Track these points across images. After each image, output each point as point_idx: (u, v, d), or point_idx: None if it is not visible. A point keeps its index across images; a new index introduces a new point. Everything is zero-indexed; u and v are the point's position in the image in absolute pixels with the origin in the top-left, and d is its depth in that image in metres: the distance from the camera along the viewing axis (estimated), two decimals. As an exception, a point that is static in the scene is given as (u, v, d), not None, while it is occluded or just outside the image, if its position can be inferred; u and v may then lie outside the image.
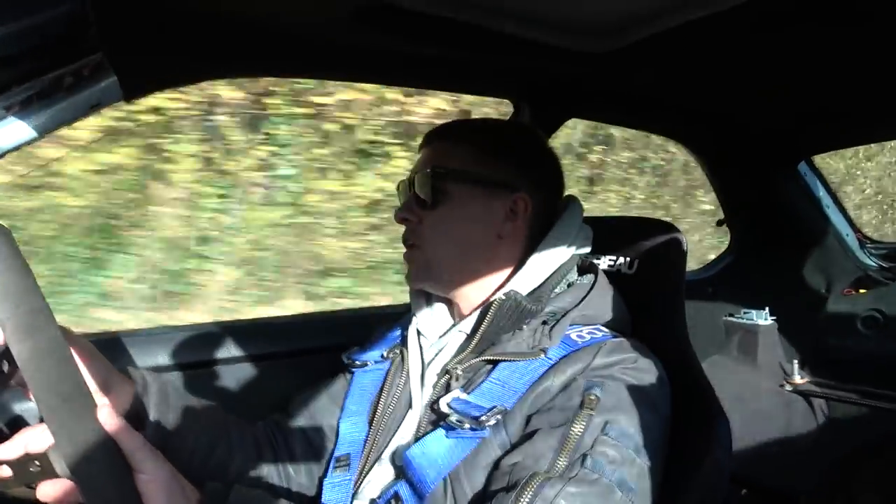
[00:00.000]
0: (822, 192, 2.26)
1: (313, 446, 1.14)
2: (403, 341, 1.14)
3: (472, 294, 1.07)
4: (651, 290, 1.14)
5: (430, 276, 1.07)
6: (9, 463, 0.69)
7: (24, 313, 0.61)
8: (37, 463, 0.68)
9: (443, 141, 1.11)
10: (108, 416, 0.68)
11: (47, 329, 0.63)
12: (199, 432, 1.01)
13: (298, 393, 1.24)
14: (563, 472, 0.81)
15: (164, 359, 1.33)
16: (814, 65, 1.25)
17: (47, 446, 0.68)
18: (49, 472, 0.68)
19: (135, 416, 0.92)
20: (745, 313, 2.37)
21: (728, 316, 2.40)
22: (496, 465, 0.87)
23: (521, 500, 0.78)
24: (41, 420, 0.70)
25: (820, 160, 2.25)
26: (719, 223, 2.40)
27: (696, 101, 1.64)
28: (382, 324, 1.25)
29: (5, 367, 0.68)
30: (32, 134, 0.96)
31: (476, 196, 1.05)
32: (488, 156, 1.07)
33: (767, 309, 2.35)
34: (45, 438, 0.72)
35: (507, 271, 1.07)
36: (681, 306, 1.12)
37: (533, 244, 1.07)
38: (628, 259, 1.18)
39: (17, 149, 0.96)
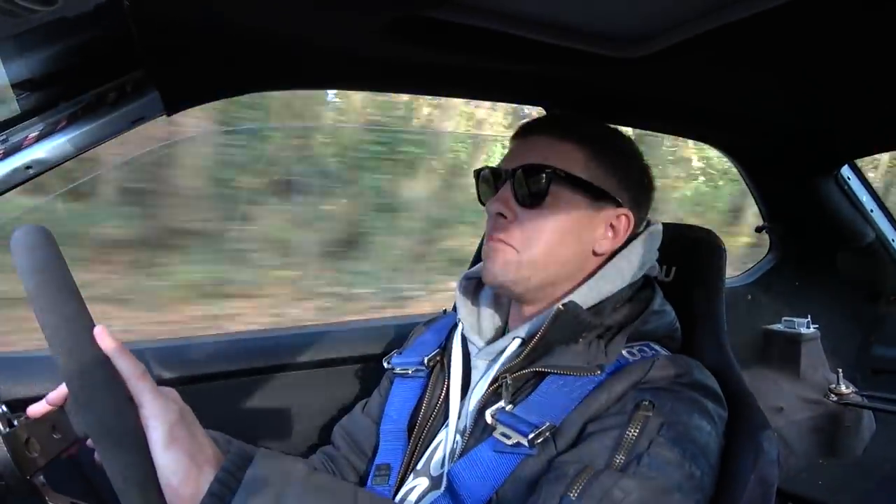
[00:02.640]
0: (866, 197, 2.20)
1: (363, 473, 1.14)
2: (444, 348, 1.13)
3: (544, 302, 1.03)
4: (689, 297, 1.12)
5: (516, 279, 1.00)
6: (35, 435, 0.71)
7: (37, 259, 0.67)
8: (58, 430, 0.71)
9: (552, 136, 1.03)
10: (103, 335, 0.68)
11: (57, 268, 0.68)
12: None
13: (338, 410, 1.24)
14: (621, 467, 0.79)
15: (201, 369, 1.35)
16: (855, 63, 1.21)
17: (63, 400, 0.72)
18: (69, 435, 0.72)
19: None
20: (786, 321, 2.31)
21: (769, 324, 2.34)
22: (547, 471, 0.84)
23: (575, 486, 0.76)
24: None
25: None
26: (758, 229, 2.34)
27: (731, 106, 1.61)
28: (420, 328, 1.24)
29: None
30: (79, 147, 0.99)
31: (582, 205, 1.00)
32: (600, 163, 1.01)
33: (809, 317, 2.29)
34: (61, 391, 0.73)
35: (580, 281, 1.02)
36: (721, 314, 1.10)
37: (611, 258, 1.03)
38: (665, 266, 1.16)
39: (64, 162, 0.99)
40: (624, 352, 0.94)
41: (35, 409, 0.73)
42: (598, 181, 1.00)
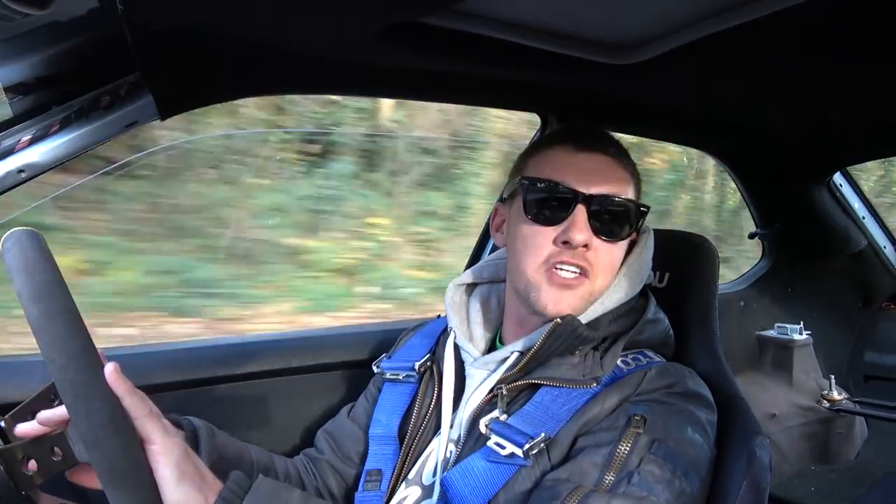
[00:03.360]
0: (858, 204, 2.21)
1: (345, 477, 1.14)
2: (434, 354, 1.12)
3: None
4: (682, 303, 1.12)
5: (583, 307, 0.97)
6: (33, 455, 0.70)
7: (39, 283, 0.65)
8: (57, 451, 0.70)
9: (612, 159, 0.99)
10: (114, 376, 0.67)
11: (59, 296, 0.66)
12: (248, 467, 1.02)
13: (325, 414, 1.23)
14: (610, 487, 0.79)
15: (190, 373, 1.34)
16: (848, 71, 1.22)
17: (62, 422, 0.71)
18: (69, 459, 0.71)
19: None
20: (779, 328, 2.32)
21: (761, 330, 2.35)
22: (537, 484, 0.85)
23: None
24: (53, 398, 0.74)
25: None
26: (751, 236, 2.36)
27: (725, 113, 1.62)
28: (409, 332, 1.24)
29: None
30: (71, 151, 0.99)
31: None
32: (639, 192, 1.03)
33: (802, 323, 2.30)
34: (59, 414, 0.72)
35: None
36: (713, 320, 1.10)
37: None
38: (658, 272, 1.16)
39: (56, 166, 0.99)
40: (619, 361, 0.94)
41: (25, 430, 0.72)
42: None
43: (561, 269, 0.94)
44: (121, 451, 0.65)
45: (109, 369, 0.68)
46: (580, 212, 0.94)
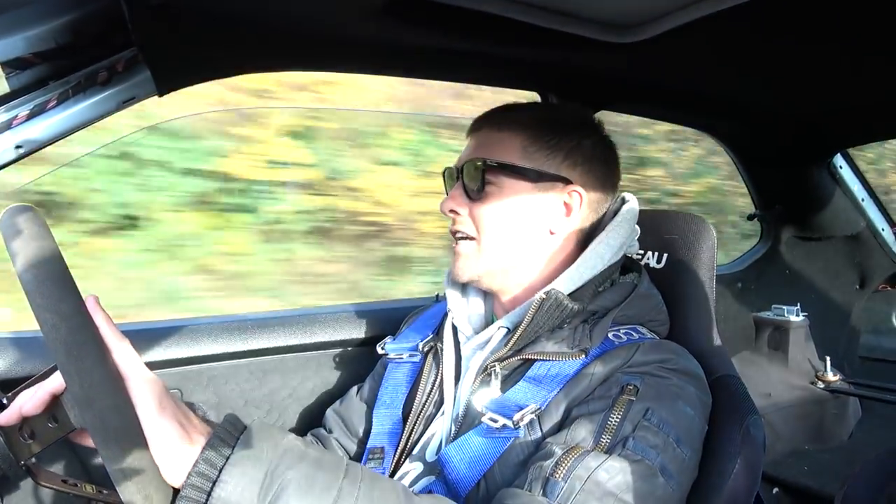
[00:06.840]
0: (857, 186, 2.21)
1: (353, 455, 1.16)
2: (438, 335, 1.14)
3: (518, 289, 1.05)
4: (680, 284, 1.12)
5: (480, 269, 1.04)
6: (31, 424, 0.71)
7: (32, 249, 0.66)
8: (54, 417, 0.72)
9: (492, 129, 1.06)
10: (94, 305, 0.68)
11: (51, 261, 0.67)
12: None
13: (329, 393, 1.24)
14: (606, 448, 0.81)
15: (193, 350, 1.35)
16: (849, 53, 1.21)
17: (58, 390, 0.72)
18: (65, 425, 0.72)
19: None
20: (775, 309, 2.33)
21: (758, 311, 2.36)
22: (533, 454, 0.86)
23: (561, 467, 0.78)
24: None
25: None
26: (750, 217, 2.36)
27: (726, 93, 1.61)
28: (413, 315, 1.25)
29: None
30: (69, 127, 0.99)
31: (525, 189, 1.02)
32: (539, 146, 1.03)
33: (799, 305, 2.31)
34: (55, 379, 0.73)
35: (557, 267, 1.04)
36: (710, 301, 1.11)
37: (585, 239, 1.05)
38: (657, 253, 1.17)
39: (53, 142, 0.98)
40: (610, 335, 0.96)
41: (7, 417, 0.72)
42: (536, 164, 1.02)
43: (454, 240, 1.07)
44: (113, 410, 0.65)
45: (91, 301, 0.68)
46: (457, 183, 1.06)
